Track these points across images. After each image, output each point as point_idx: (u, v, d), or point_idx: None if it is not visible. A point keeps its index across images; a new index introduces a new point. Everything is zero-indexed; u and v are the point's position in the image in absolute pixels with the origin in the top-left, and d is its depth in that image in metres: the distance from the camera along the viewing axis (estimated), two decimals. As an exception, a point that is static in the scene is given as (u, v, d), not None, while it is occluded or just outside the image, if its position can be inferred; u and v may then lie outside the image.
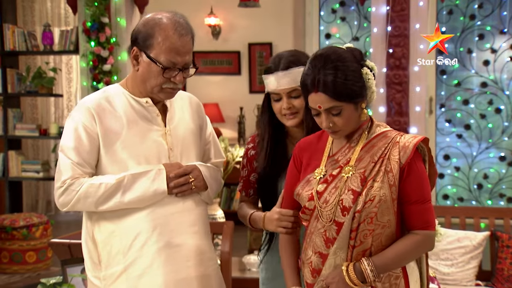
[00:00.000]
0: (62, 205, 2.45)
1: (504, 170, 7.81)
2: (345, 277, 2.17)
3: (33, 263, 6.36)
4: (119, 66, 6.46)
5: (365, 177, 2.19)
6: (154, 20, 2.41)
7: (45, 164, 7.26)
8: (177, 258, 2.46)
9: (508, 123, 7.83)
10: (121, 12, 6.47)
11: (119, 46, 6.44)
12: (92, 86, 6.44)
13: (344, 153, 2.28)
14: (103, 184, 2.40)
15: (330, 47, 2.25)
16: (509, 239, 4.49)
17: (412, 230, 2.23)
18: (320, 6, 8.36)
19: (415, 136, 2.23)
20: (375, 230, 2.19)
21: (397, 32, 5.81)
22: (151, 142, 2.49)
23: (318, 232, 2.25)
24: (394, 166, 2.18)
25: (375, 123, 2.30)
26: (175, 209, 2.48)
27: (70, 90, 9.24)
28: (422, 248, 2.26)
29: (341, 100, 2.15)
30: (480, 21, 7.85)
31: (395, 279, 2.24)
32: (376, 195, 2.16)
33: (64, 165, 2.43)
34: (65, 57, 9.02)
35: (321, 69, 2.16)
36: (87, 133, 2.43)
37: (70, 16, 8.94)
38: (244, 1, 6.40)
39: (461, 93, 7.90)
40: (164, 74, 2.41)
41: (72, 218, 8.89)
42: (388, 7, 5.83)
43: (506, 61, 7.71)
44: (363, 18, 8.20)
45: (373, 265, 2.16)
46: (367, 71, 2.20)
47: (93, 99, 2.49)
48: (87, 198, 2.40)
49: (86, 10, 6.39)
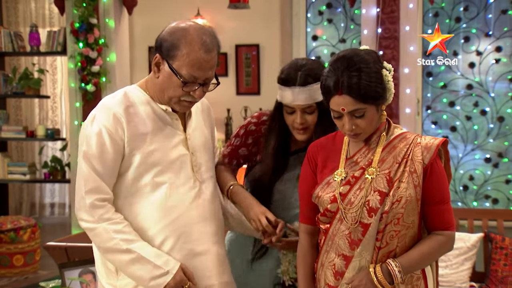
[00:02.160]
0: (80, 219, 2.39)
1: (489, 172, 7.87)
2: (373, 279, 2.17)
3: (20, 267, 6.29)
4: (107, 67, 6.42)
5: (391, 178, 2.20)
6: (182, 31, 2.34)
7: (32, 166, 7.19)
8: (200, 267, 2.43)
9: (493, 125, 7.89)
10: (110, 13, 6.44)
11: (107, 47, 6.41)
12: (80, 87, 6.39)
13: (364, 155, 2.27)
14: (115, 240, 2.31)
15: (351, 49, 2.24)
16: (502, 240, 4.53)
17: (434, 230, 2.25)
18: (307, 8, 8.36)
19: (436, 138, 2.25)
20: (401, 231, 2.20)
21: (387, 34, 5.84)
22: (175, 147, 2.44)
23: (342, 234, 2.25)
24: (418, 166, 2.20)
25: (392, 125, 2.32)
26: (198, 219, 2.45)
27: (55, 92, 9.16)
28: (445, 249, 2.28)
29: (366, 102, 2.15)
30: (466, 24, 7.91)
31: (416, 280, 2.26)
32: (402, 195, 2.17)
33: (87, 174, 2.34)
34: (50, 58, 8.95)
35: (344, 71, 2.14)
36: (112, 139, 2.34)
37: (55, 17, 8.86)
38: (234, 2, 6.37)
39: (447, 95, 7.95)
40: (184, 88, 2.35)
41: (57, 221, 8.84)
42: (378, 9, 5.85)
43: (491, 63, 7.77)
44: (350, 20, 8.22)
45: (400, 266, 2.17)
46: (386, 73, 2.20)
47: (117, 102, 2.41)
48: (96, 237, 2.35)
49: (74, 11, 6.34)
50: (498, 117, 7.87)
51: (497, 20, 7.80)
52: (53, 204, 9.35)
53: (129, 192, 2.40)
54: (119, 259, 2.34)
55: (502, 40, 7.81)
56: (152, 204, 2.39)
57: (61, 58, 8.79)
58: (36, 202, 9.27)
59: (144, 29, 8.32)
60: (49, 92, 9.04)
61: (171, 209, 2.40)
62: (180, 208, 2.41)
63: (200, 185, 2.49)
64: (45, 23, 8.91)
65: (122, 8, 6.57)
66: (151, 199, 2.39)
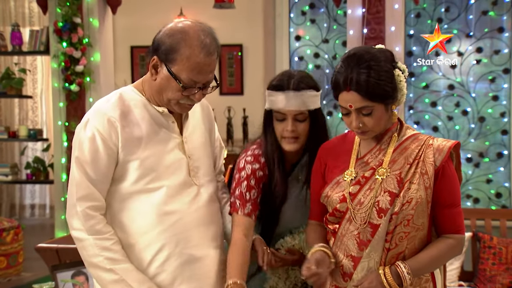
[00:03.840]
0: (70, 226, 2.32)
1: (470, 172, 7.94)
2: (383, 281, 2.15)
3: (3, 269, 6.19)
4: (92, 67, 6.36)
5: (402, 179, 2.18)
6: (181, 33, 2.24)
7: (14, 167, 7.12)
8: (199, 272, 2.38)
9: (475, 125, 7.97)
10: (94, 13, 6.39)
11: (91, 46, 6.36)
12: (64, 87, 6.32)
13: (375, 155, 2.26)
14: (100, 257, 2.25)
15: (364, 47, 2.23)
16: (490, 239, 4.56)
17: (444, 233, 2.23)
18: (290, 8, 8.37)
19: (448, 140, 2.23)
20: (410, 233, 2.19)
21: (373, 35, 5.87)
22: (171, 152, 2.38)
23: (350, 235, 2.23)
24: (429, 168, 2.18)
25: (404, 126, 2.30)
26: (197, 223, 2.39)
27: (35, 92, 9.06)
28: (454, 252, 2.26)
29: (373, 100, 2.13)
30: (447, 25, 7.97)
31: (425, 282, 2.25)
32: (413, 197, 2.16)
33: (79, 180, 2.28)
34: (30, 58, 8.85)
35: (354, 67, 2.13)
36: (105, 144, 2.28)
37: (35, 16, 8.77)
38: (219, 2, 6.35)
39: (429, 96, 8.01)
40: (184, 92, 2.28)
41: (38, 222, 8.75)
42: (364, 10, 5.88)
43: (472, 64, 7.84)
44: (333, 20, 8.24)
45: (410, 269, 2.16)
46: (399, 73, 2.18)
47: (112, 107, 2.33)
48: (82, 249, 2.30)
49: (57, 10, 6.27)
50: (479, 117, 7.94)
51: (477, 21, 7.88)
52: (34, 205, 9.25)
53: (125, 198, 2.34)
54: (101, 277, 2.29)
55: (482, 41, 7.89)
56: (148, 209, 2.33)
57: (41, 57, 8.70)
58: (16, 203, 9.16)
59: (126, 28, 8.27)
60: (29, 92, 8.94)
61: (168, 214, 2.34)
62: (177, 213, 2.36)
63: (198, 189, 2.42)
64: (25, 22, 8.80)
65: (106, 7, 6.52)
66: (148, 204, 2.33)
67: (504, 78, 7.91)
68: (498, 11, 7.88)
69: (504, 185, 7.91)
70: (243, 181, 2.54)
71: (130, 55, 8.47)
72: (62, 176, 6.41)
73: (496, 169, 7.96)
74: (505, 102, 7.93)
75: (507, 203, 7.91)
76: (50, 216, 8.89)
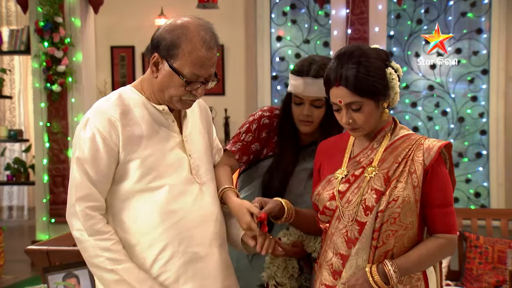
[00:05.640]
0: (70, 226, 2.30)
1: (450, 171, 8.02)
2: (369, 279, 2.15)
3: (-16, 272, 6.11)
4: (74, 67, 6.30)
5: (389, 177, 2.18)
6: (182, 29, 2.26)
7: (-7, 168, 7.01)
8: (203, 271, 2.36)
9: (454, 125, 8.05)
10: (76, 12, 6.32)
11: (73, 46, 6.29)
12: (45, 87, 6.25)
13: (367, 154, 2.27)
14: (101, 258, 2.26)
15: (356, 44, 2.25)
16: (477, 239, 4.60)
17: (435, 233, 2.23)
18: (271, 9, 8.37)
19: (439, 141, 2.23)
20: (398, 231, 2.18)
21: (357, 35, 5.90)
22: (171, 150, 2.37)
23: (339, 233, 2.24)
24: (418, 167, 2.18)
25: (398, 126, 2.30)
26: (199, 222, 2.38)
27: (13, 92, 8.94)
28: (445, 252, 2.26)
29: (362, 95, 2.15)
30: (427, 26, 8.05)
31: (416, 281, 2.24)
32: (399, 195, 2.16)
33: (79, 180, 2.27)
34: (7, 58, 8.74)
35: (344, 63, 2.16)
36: (106, 144, 2.27)
37: (12, 15, 8.67)
38: (203, 2, 6.33)
39: (409, 96, 8.08)
40: (187, 87, 2.29)
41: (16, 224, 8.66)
42: (348, 10, 5.90)
43: (452, 65, 7.92)
44: (314, 21, 8.26)
45: (397, 267, 2.16)
46: (391, 71, 2.19)
47: (112, 106, 2.32)
48: (84, 251, 2.28)
49: (38, 9, 6.20)
50: (458, 117, 8.03)
51: (456, 22, 7.96)
52: (11, 207, 9.12)
53: (126, 197, 2.32)
54: (103, 277, 2.28)
55: (461, 42, 7.98)
56: (151, 208, 2.32)
57: (19, 57, 8.59)
58: (-8, 204, 9.06)
59: (106, 28, 8.21)
60: (7, 92, 8.82)
61: (171, 213, 2.33)
62: (180, 211, 2.34)
63: (200, 187, 2.42)
64: (2, 21, 8.69)
65: (88, 6, 6.46)
66: (150, 203, 2.32)
67: (483, 79, 8.01)
68: (476, 12, 7.98)
69: (483, 185, 8.00)
70: (246, 123, 2.74)
71: (110, 55, 8.41)
72: (43, 177, 6.33)
73: (475, 169, 8.05)
74: (483, 103, 8.02)
75: (485, 203, 8.01)
76: (29, 218, 8.78)
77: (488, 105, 7.99)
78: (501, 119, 7.92)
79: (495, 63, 7.92)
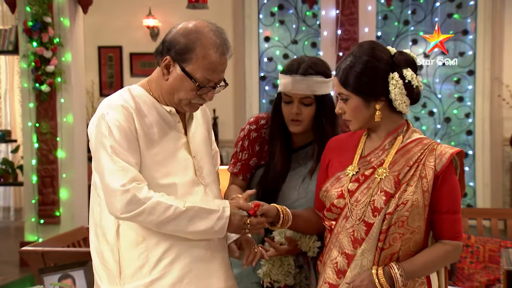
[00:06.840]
0: (124, 212, 2.23)
1: (437, 171, 8.07)
2: (375, 280, 2.17)
3: (-28, 273, 6.07)
4: (63, 67, 6.26)
5: (399, 180, 2.20)
6: (196, 33, 2.28)
7: (-19, 168, 6.96)
8: (206, 272, 2.37)
9: (441, 125, 8.11)
10: (65, 12, 6.28)
11: (62, 46, 6.25)
12: (34, 87, 6.21)
13: (378, 155, 2.28)
14: (173, 207, 2.23)
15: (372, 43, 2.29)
16: (468, 238, 4.64)
17: (441, 239, 2.25)
18: (259, 9, 8.39)
19: (452, 147, 2.25)
20: (405, 235, 2.20)
21: (346, 36, 5.92)
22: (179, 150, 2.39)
23: (346, 232, 2.25)
24: (429, 172, 2.20)
25: (411, 129, 2.31)
26: None
27: (-1, 92, 8.89)
28: (450, 259, 2.28)
29: (347, 88, 2.22)
30: (414, 27, 8.11)
31: (420, 285, 2.26)
32: (409, 199, 2.17)
33: (120, 165, 2.23)
34: (-9, 58, 8.67)
35: (348, 57, 2.25)
36: (130, 131, 2.27)
37: (-1, 15, 8.60)
38: (192, 2, 6.32)
39: (396, 96, 8.11)
40: (198, 92, 2.31)
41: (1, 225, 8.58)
42: (337, 11, 5.92)
43: (438, 65, 7.98)
44: (302, 21, 8.28)
45: (403, 271, 2.18)
46: (396, 78, 2.20)
47: (124, 100, 2.33)
48: (152, 214, 2.23)
49: (27, 9, 6.16)
50: (445, 117, 8.09)
51: (443, 24, 8.02)
52: (-3, 207, 9.07)
53: None
54: (181, 223, 2.25)
55: (447, 43, 8.03)
56: None
57: (5, 57, 8.52)
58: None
59: (94, 28, 8.17)
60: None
61: None
62: None
63: (205, 189, 2.43)
64: (-12, 21, 8.64)
65: (77, 6, 6.42)
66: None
67: (469, 80, 8.08)
68: (462, 14, 8.05)
69: (469, 185, 8.06)
70: (239, 141, 2.79)
71: (98, 55, 8.38)
72: (32, 178, 6.29)
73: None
74: (469, 103, 8.09)
75: (471, 202, 8.07)
76: (15, 219, 8.72)
77: (474, 106, 8.06)
78: (486, 119, 7.99)
79: (481, 64, 7.99)
